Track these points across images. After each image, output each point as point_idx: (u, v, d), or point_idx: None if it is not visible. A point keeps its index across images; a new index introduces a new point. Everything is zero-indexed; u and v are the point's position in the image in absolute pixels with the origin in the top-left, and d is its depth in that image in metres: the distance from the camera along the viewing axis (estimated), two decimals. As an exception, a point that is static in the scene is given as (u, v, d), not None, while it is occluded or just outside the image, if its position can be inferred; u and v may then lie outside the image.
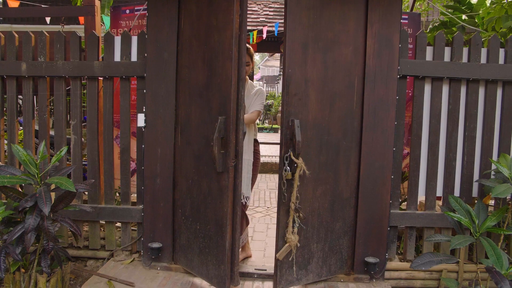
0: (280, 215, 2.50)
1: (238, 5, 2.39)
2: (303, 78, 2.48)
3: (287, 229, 2.49)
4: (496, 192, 2.15)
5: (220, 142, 2.40)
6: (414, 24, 3.54)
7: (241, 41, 2.42)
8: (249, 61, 2.89)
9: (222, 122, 2.40)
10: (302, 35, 2.45)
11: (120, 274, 2.74)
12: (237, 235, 2.53)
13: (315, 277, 2.68)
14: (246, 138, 2.77)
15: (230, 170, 2.43)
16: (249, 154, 2.85)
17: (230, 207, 2.48)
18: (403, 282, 2.86)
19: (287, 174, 2.41)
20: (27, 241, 2.23)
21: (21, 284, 2.49)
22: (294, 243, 2.47)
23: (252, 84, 3.00)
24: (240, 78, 2.43)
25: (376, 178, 2.71)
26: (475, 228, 2.22)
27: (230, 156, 2.41)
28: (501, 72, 2.77)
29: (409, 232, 2.91)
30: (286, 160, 2.41)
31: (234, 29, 2.37)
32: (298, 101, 2.47)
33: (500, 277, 1.98)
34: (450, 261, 2.21)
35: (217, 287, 2.54)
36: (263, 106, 2.94)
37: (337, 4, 2.54)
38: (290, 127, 2.42)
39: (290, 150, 2.42)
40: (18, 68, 2.94)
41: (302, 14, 2.44)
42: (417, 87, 2.82)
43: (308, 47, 2.48)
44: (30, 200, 2.21)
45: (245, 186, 2.85)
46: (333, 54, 2.55)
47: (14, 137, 3.01)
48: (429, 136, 2.85)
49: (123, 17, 3.61)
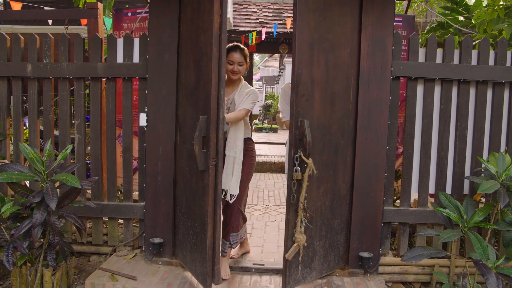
0: (289, 216, 2.49)
1: (218, 5, 2.42)
2: (310, 79, 2.50)
3: (295, 229, 2.49)
4: (482, 188, 2.24)
5: (202, 141, 2.44)
6: (408, 26, 3.64)
7: (221, 41, 2.44)
8: (242, 61, 2.88)
9: (204, 121, 2.44)
10: (308, 36, 2.47)
11: (122, 268, 2.83)
12: (217, 234, 2.53)
13: (317, 274, 2.73)
14: (233, 136, 2.80)
15: (211, 169, 2.46)
16: (235, 151, 2.81)
17: (211, 205, 2.50)
18: (397, 276, 2.95)
19: (297, 175, 2.41)
20: (34, 235, 2.33)
21: (27, 277, 2.58)
22: (302, 242, 2.47)
23: (246, 85, 2.99)
24: (220, 78, 2.45)
25: (370, 176, 2.81)
26: (463, 223, 2.32)
27: (210, 155, 2.45)
28: (491, 74, 2.87)
29: (402, 228, 3.00)
30: (296, 161, 2.41)
31: (214, 29, 2.40)
32: (306, 102, 2.49)
33: (486, 269, 2.07)
34: (440, 254, 2.30)
35: (201, 284, 2.59)
36: (253, 106, 2.90)
37: (336, 7, 2.61)
38: (300, 128, 2.42)
39: (299, 151, 2.42)
40: (24, 69, 3.03)
41: (309, 16, 2.46)
42: (410, 87, 2.91)
43: (313, 48, 2.50)
44: (37, 196, 2.31)
45: (232, 184, 2.81)
46: (334, 56, 2.61)
47: (20, 136, 3.10)
48: (422, 135, 2.94)
49: (125, 19, 3.70)
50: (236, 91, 2.91)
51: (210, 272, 2.53)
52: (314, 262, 2.69)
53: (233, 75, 2.88)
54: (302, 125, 2.41)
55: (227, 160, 2.80)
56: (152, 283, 2.65)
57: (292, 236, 2.50)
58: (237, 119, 2.81)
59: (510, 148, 2.93)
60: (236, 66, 2.86)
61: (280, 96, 3.04)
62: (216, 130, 2.48)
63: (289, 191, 2.49)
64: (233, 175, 2.80)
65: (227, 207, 2.89)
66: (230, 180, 2.79)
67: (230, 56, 2.84)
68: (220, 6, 2.44)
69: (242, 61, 2.87)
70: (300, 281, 2.63)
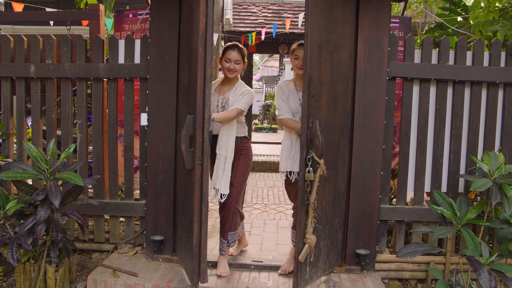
0: (301, 217, 2.48)
1: (204, 5, 2.43)
2: (319, 79, 2.51)
3: (306, 230, 2.49)
4: (474, 186, 2.30)
5: (189, 140, 2.47)
6: (405, 27, 3.70)
7: (206, 41, 2.44)
8: (239, 60, 2.88)
9: (191, 120, 2.47)
10: (318, 36, 2.46)
11: (124, 265, 2.89)
12: (203, 233, 2.54)
13: (321, 273, 2.76)
14: (225, 134, 2.80)
15: (197, 168, 2.47)
16: (227, 150, 2.80)
17: (197, 203, 2.50)
18: (393, 273, 3.01)
19: (310, 176, 2.41)
20: (38, 232, 2.39)
21: (31, 273, 2.64)
22: (313, 243, 2.48)
23: (242, 84, 2.98)
24: (205, 77, 2.44)
25: (367, 174, 2.86)
26: (457, 220, 2.37)
27: (196, 154, 2.47)
28: (485, 74, 2.92)
29: (398, 226, 3.06)
30: (309, 162, 2.42)
31: (200, 29, 2.42)
32: (315, 102, 2.50)
33: (479, 265, 2.13)
34: (434, 250, 2.36)
35: (190, 281, 2.62)
36: (247, 106, 2.88)
37: (339, 8, 2.64)
38: (311, 128, 2.42)
39: (311, 151, 2.42)
40: (27, 69, 3.09)
41: (319, 16, 2.45)
42: (406, 88, 2.97)
43: (322, 48, 2.50)
44: (41, 193, 2.36)
45: (222, 183, 2.81)
46: (337, 56, 2.64)
47: (23, 136, 3.16)
48: (418, 134, 2.99)
49: (126, 21, 3.76)
50: (232, 90, 2.92)
51: (197, 270, 2.54)
52: (319, 262, 2.71)
53: (229, 73, 2.89)
54: (314, 125, 2.40)
55: (218, 159, 2.81)
56: (153, 279, 2.70)
57: (304, 237, 2.49)
58: (228, 119, 2.79)
59: (504, 147, 2.98)
60: (233, 64, 2.87)
61: (276, 93, 2.97)
62: (202, 130, 2.47)
63: (302, 193, 2.45)
64: (224, 174, 2.80)
65: (224, 207, 2.91)
66: (221, 179, 2.80)
67: (227, 54, 2.87)
68: (206, 7, 2.44)
69: (239, 59, 2.88)
70: (308, 281, 2.63)
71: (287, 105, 2.87)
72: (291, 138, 2.88)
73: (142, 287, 2.65)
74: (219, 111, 2.93)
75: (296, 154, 2.82)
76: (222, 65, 2.92)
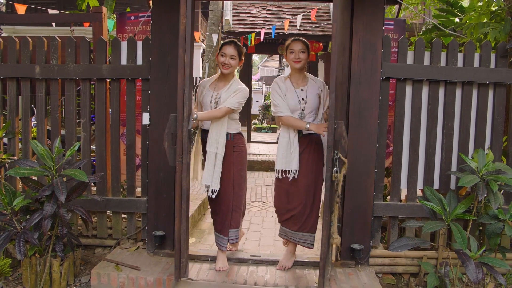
0: (327, 217, 2.56)
1: (184, 8, 2.52)
2: (338, 80, 2.60)
3: (331, 230, 2.58)
4: (462, 182, 2.40)
5: (171, 137, 2.58)
6: (399, 29, 3.79)
7: (186, 42, 2.52)
8: (235, 56, 2.88)
9: (173, 119, 2.57)
10: (339, 38, 2.56)
11: (126, 259, 2.99)
12: (183, 228, 2.65)
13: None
14: (214, 132, 2.84)
15: (178, 165, 2.57)
16: (217, 147, 2.84)
17: (178, 200, 2.61)
18: (387, 267, 3.11)
19: (338, 175, 2.50)
20: (45, 227, 2.48)
21: (37, 267, 2.74)
22: (339, 242, 2.54)
23: (237, 82, 2.96)
24: (184, 77, 2.53)
25: (361, 172, 2.96)
26: (446, 215, 2.47)
27: (177, 152, 2.56)
28: (476, 75, 3.02)
29: (392, 221, 3.15)
30: (336, 162, 2.49)
31: (180, 31, 2.51)
32: (337, 104, 2.58)
33: (466, 257, 2.23)
34: (424, 244, 2.46)
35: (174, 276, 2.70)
36: (238, 105, 2.88)
37: (345, 11, 2.76)
38: (337, 129, 2.49)
39: (337, 152, 2.51)
40: (32, 70, 3.19)
41: (340, 17, 2.54)
42: (399, 88, 3.06)
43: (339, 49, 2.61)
44: (48, 189, 2.46)
45: (213, 179, 2.85)
46: (343, 58, 2.74)
47: (28, 135, 3.26)
48: (411, 133, 3.09)
49: (128, 23, 3.86)
50: (226, 87, 2.92)
51: (178, 265, 2.65)
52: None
53: (223, 68, 2.88)
54: (339, 126, 2.49)
55: (208, 156, 2.86)
56: (155, 273, 2.80)
57: (330, 237, 2.56)
58: (214, 118, 2.81)
59: (494, 146, 3.08)
60: (228, 59, 2.86)
61: (273, 90, 2.92)
62: (182, 128, 2.55)
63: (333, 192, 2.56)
64: (215, 171, 2.85)
65: (222, 203, 2.94)
66: (211, 176, 2.85)
67: (223, 49, 2.88)
68: (186, 8, 2.53)
69: (234, 55, 2.88)
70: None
71: (286, 102, 2.86)
72: (289, 136, 2.87)
73: (144, 280, 2.75)
74: (212, 107, 2.91)
75: (293, 152, 2.85)
76: (217, 60, 2.94)
